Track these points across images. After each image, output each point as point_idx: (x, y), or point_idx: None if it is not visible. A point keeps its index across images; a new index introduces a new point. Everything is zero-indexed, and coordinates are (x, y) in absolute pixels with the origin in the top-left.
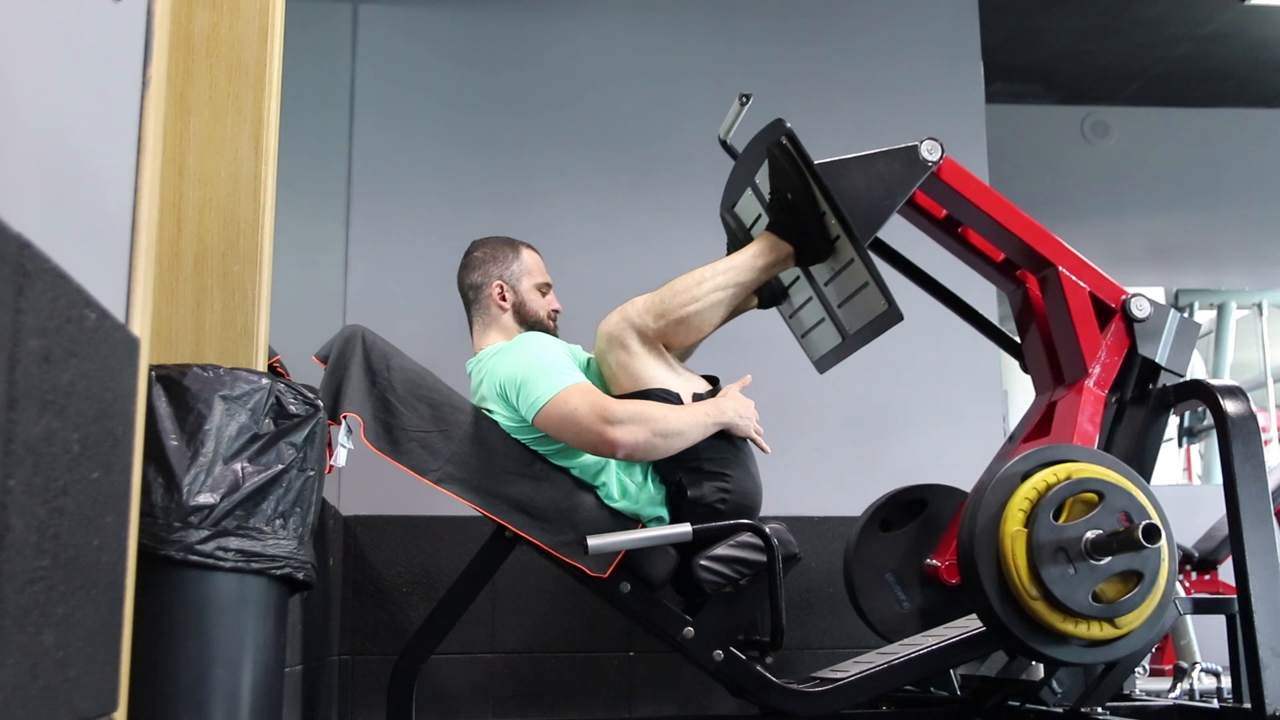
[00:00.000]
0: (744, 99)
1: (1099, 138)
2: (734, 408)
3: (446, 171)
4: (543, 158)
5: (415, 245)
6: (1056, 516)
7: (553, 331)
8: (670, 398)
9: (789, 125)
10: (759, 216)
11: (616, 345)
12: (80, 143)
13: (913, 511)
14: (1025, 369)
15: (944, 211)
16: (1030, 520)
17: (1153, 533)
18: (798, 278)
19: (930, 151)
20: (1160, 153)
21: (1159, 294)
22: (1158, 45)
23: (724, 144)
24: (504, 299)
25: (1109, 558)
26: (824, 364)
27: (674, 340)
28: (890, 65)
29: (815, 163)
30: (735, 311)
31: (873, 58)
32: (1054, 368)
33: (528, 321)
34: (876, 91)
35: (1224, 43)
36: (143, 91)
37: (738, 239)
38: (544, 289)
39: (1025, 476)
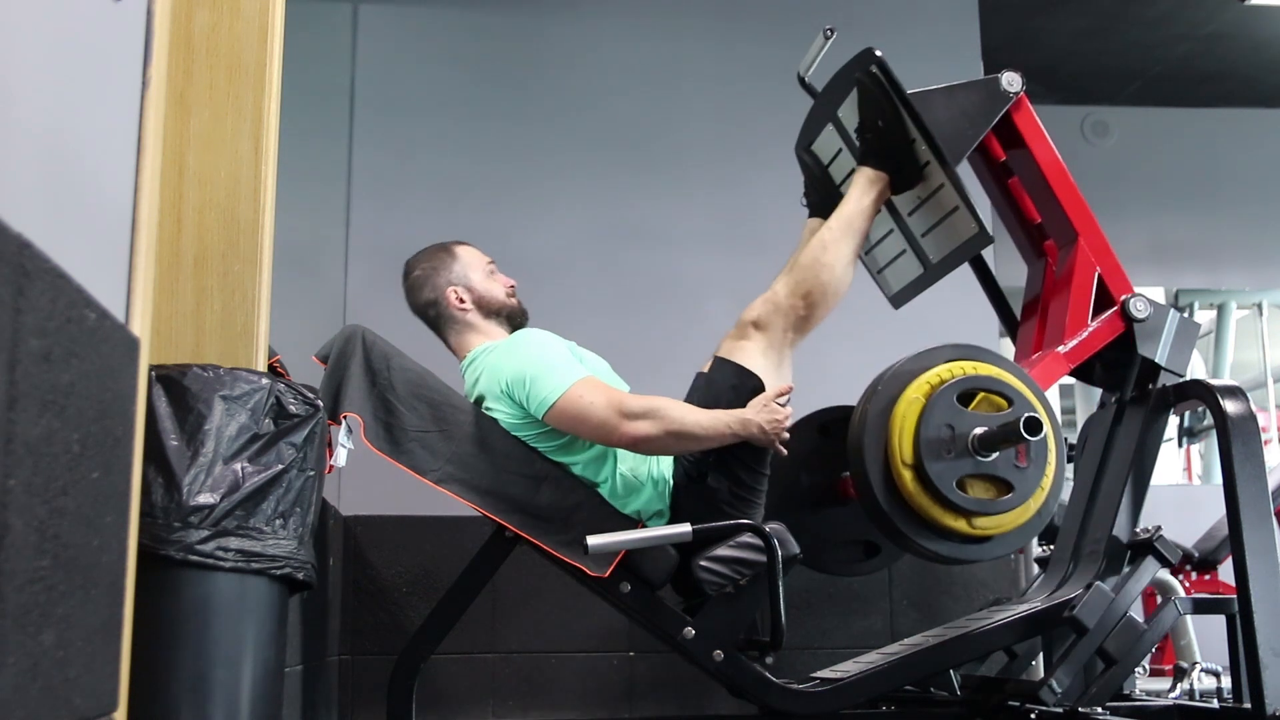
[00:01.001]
0: (828, 32)
1: (1099, 138)
2: (760, 422)
3: (446, 171)
4: (543, 157)
5: (415, 245)
6: (961, 404)
7: (520, 310)
8: (758, 385)
9: (879, 53)
10: (839, 151)
11: (754, 329)
12: (80, 143)
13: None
14: (1014, 343)
15: (1004, 155)
16: (929, 396)
17: (1034, 425)
18: (879, 210)
19: (1011, 83)
20: (1160, 153)
21: (1159, 294)
22: (1158, 45)
23: (802, 81)
24: (462, 301)
25: (993, 456)
26: (902, 297)
27: (819, 314)
28: (890, 65)
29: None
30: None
31: None
32: (1039, 343)
33: (494, 310)
34: None
35: (1224, 43)
36: (143, 91)
37: (814, 176)
38: (490, 271)
39: (936, 364)
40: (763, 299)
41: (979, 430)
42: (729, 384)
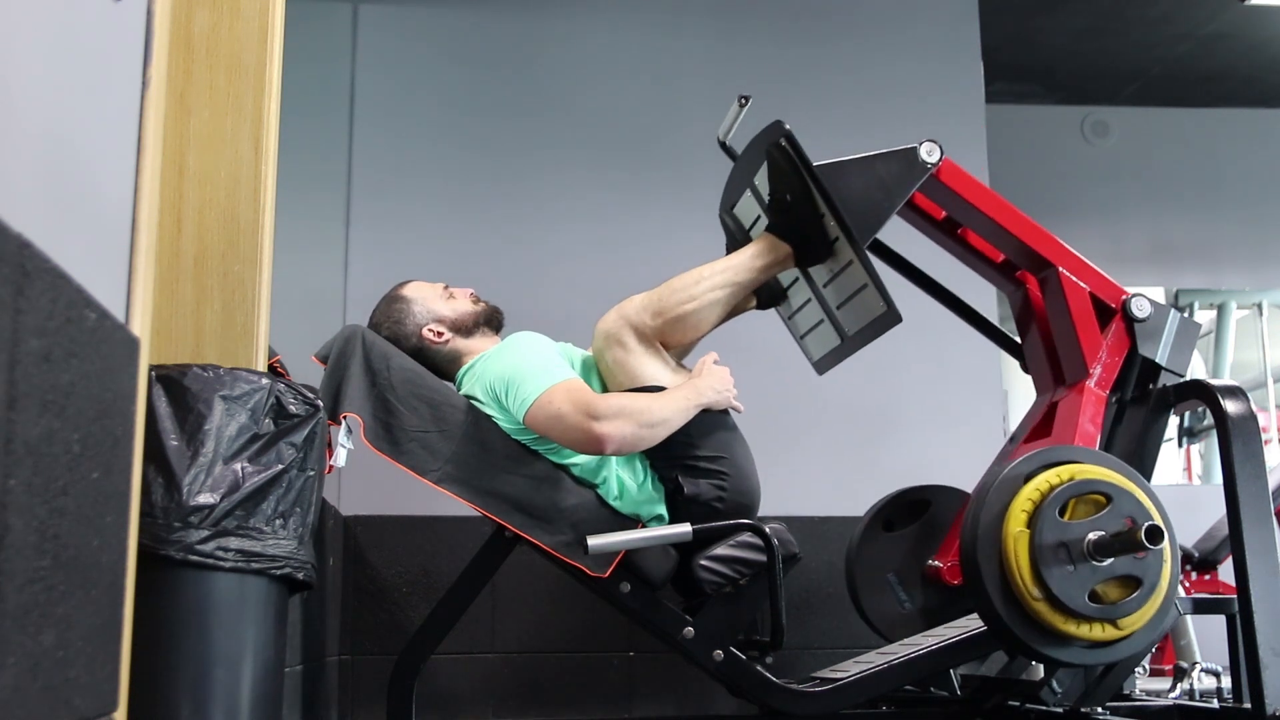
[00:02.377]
0: (743, 100)
1: (1099, 138)
2: (710, 385)
3: (446, 171)
4: (543, 157)
5: (415, 245)
6: (1060, 516)
7: (490, 309)
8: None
9: (788, 127)
10: (758, 218)
11: (614, 343)
12: (80, 143)
13: (915, 512)
14: (1025, 369)
15: (943, 213)
16: (1033, 520)
17: (1156, 534)
18: (797, 279)
19: (929, 153)
20: (1160, 153)
21: (1159, 294)
22: (1158, 45)
23: (723, 145)
24: (440, 335)
25: (1111, 559)
26: (823, 365)
27: (671, 339)
28: (890, 65)
29: (814, 164)
30: (734, 312)
31: (873, 58)
32: (1055, 368)
33: (472, 325)
34: (876, 91)
35: (1224, 43)
36: (143, 91)
37: (737, 240)
38: (449, 296)
39: (1029, 477)
40: (615, 308)
41: (1092, 536)
42: None
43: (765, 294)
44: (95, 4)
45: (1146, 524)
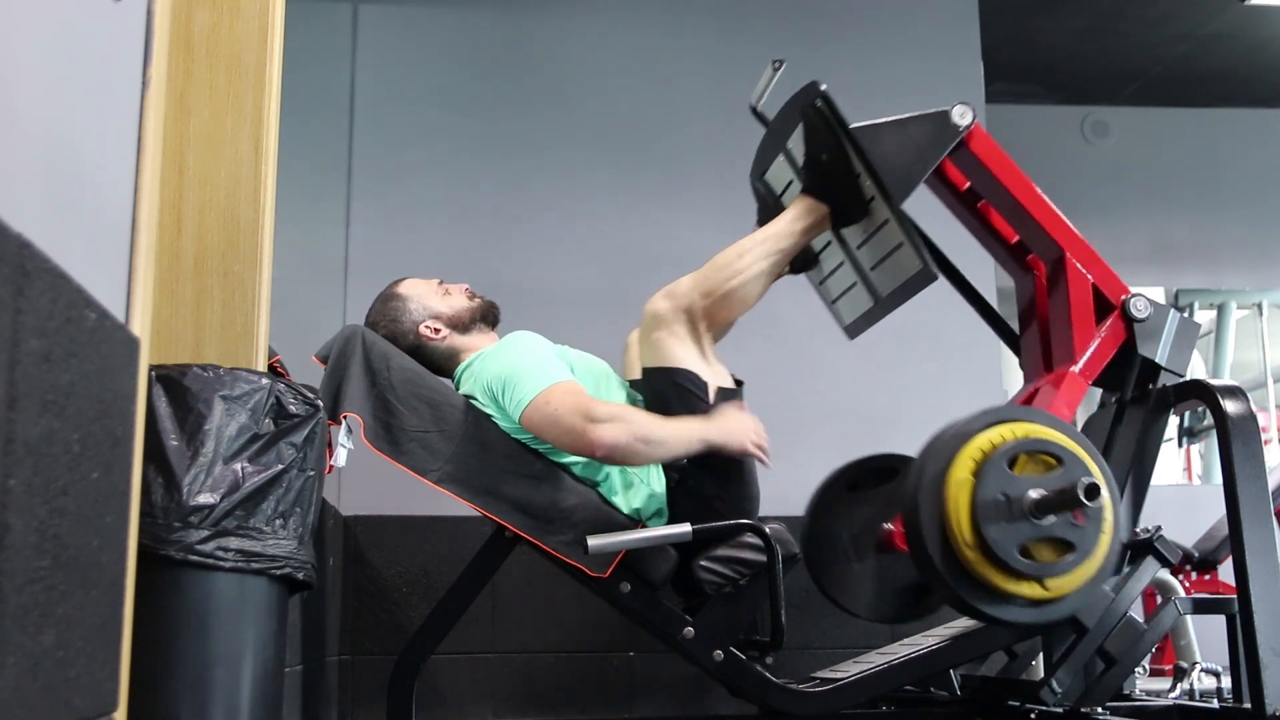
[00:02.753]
0: (776, 65)
1: (1099, 138)
2: (724, 425)
3: (446, 171)
4: (543, 158)
5: (415, 245)
6: (1009, 469)
7: (487, 304)
8: (696, 383)
9: (824, 87)
10: (790, 183)
11: (661, 323)
12: (80, 143)
13: (882, 479)
14: (1019, 361)
15: (967, 183)
16: (979, 470)
17: (1093, 491)
18: (829, 243)
19: (961, 116)
20: (1160, 153)
21: (1159, 294)
22: (1158, 45)
23: (755, 111)
24: (437, 331)
25: (1050, 519)
26: (855, 329)
27: (721, 316)
28: (890, 65)
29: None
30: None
31: (873, 57)
32: (1047, 358)
33: (469, 321)
34: (876, 91)
35: (1224, 43)
36: (143, 91)
37: (768, 206)
38: (444, 292)
39: (983, 429)
40: (665, 291)
41: (1034, 494)
42: (661, 386)
43: (798, 259)
44: (95, 4)
45: (1086, 480)
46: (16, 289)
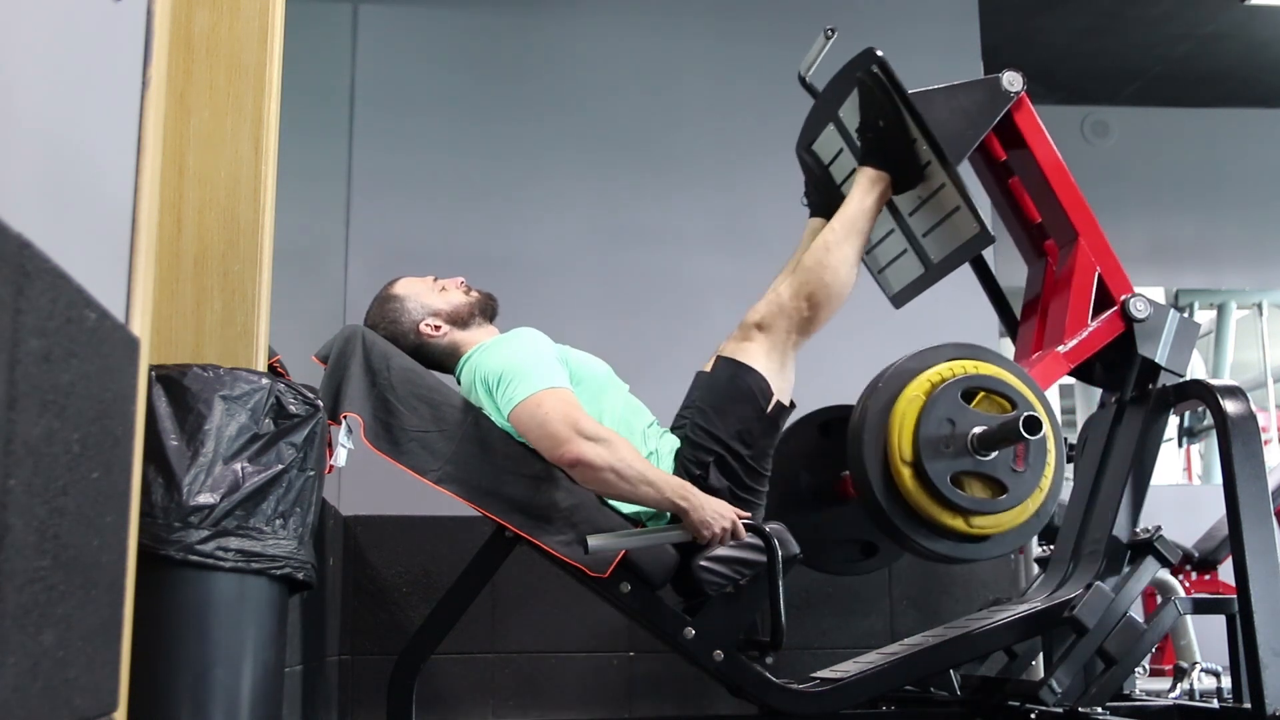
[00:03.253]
0: (829, 33)
1: (1099, 138)
2: (709, 501)
3: (446, 171)
4: (543, 158)
5: (415, 245)
6: (962, 400)
7: (484, 297)
8: (762, 387)
9: (880, 54)
10: (840, 151)
11: (757, 330)
12: (80, 143)
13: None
14: (1014, 343)
15: (1005, 154)
16: (933, 391)
17: (1034, 424)
18: (880, 210)
19: (1011, 83)
20: (1160, 153)
21: (1159, 294)
22: (1158, 45)
23: (803, 81)
24: (438, 328)
25: (989, 456)
26: (903, 297)
27: (824, 316)
28: (891, 65)
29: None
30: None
31: None
32: (1039, 343)
33: (467, 316)
34: None
35: (1224, 43)
36: (143, 91)
37: (815, 176)
38: (440, 288)
39: (941, 361)
40: (766, 300)
41: (978, 429)
42: (727, 377)
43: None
44: (95, 4)
45: (1026, 413)
46: (16, 289)
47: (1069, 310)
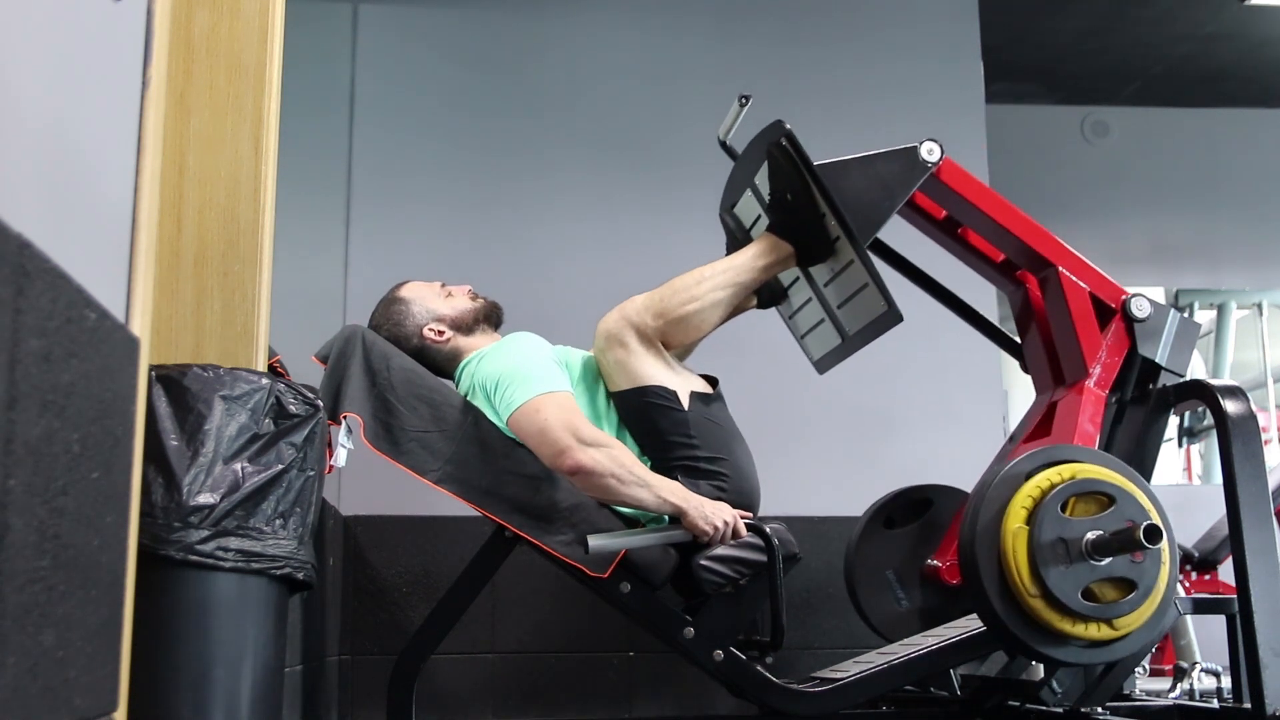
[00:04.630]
0: (743, 100)
1: (1099, 138)
2: (704, 504)
3: (446, 171)
4: (543, 158)
5: (415, 245)
6: (1062, 513)
7: (489, 305)
8: (667, 395)
9: (788, 126)
10: (759, 217)
11: (615, 343)
12: (80, 143)
13: (917, 511)
14: (1025, 369)
15: (944, 212)
16: (1033, 516)
17: (1154, 534)
18: (797, 278)
19: (930, 153)
20: (1160, 153)
21: (1159, 294)
22: (1158, 45)
23: (723, 145)
24: (441, 333)
25: (1108, 559)
26: (824, 365)
27: (673, 339)
28: (890, 65)
29: (815, 164)
30: (735, 311)
31: (873, 58)
32: (1054, 368)
33: (472, 322)
34: (876, 91)
35: (1224, 43)
36: (143, 91)
37: (737, 240)
38: (447, 294)
39: (1031, 474)
40: (617, 309)
41: (1092, 536)
42: (636, 407)
43: (766, 293)
44: (95, 4)
45: (1145, 523)
46: (16, 289)
47: (1080, 340)
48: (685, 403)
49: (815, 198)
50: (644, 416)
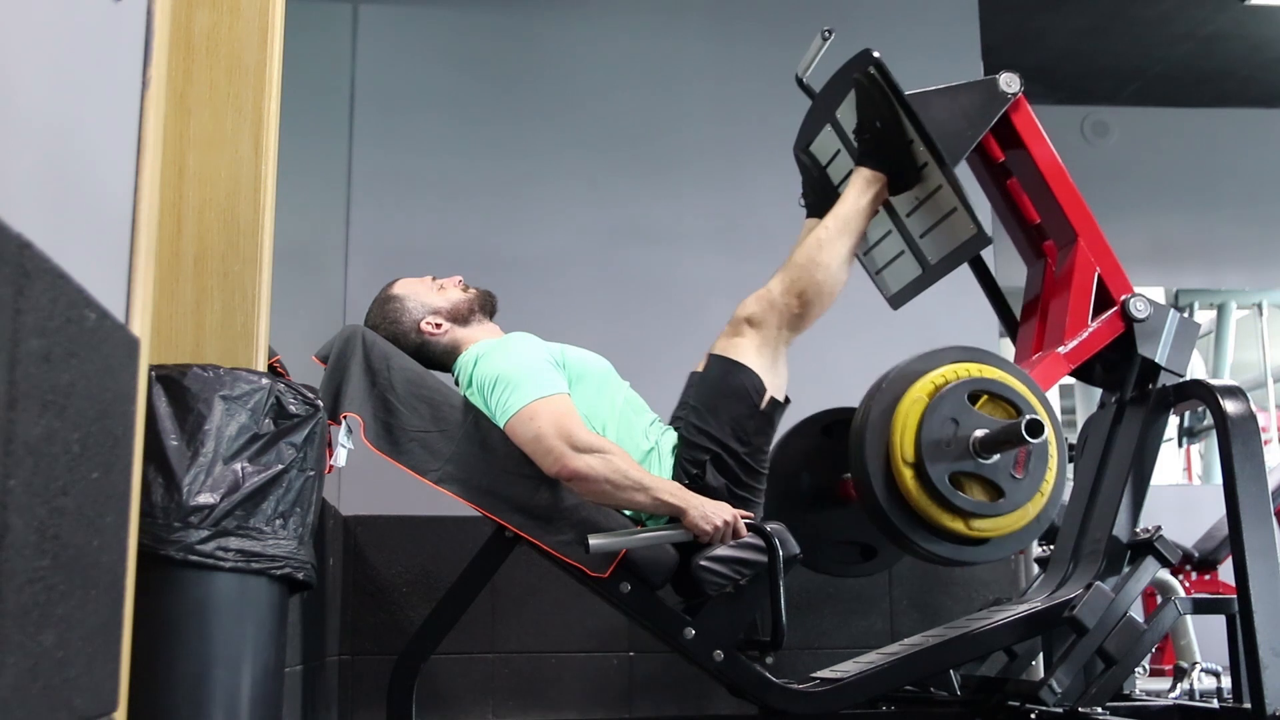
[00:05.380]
0: (826, 34)
1: (1099, 138)
2: (704, 503)
3: (446, 171)
4: (543, 157)
5: (415, 245)
6: (968, 401)
7: (482, 294)
8: (755, 385)
9: (877, 54)
10: (837, 153)
11: (751, 326)
12: (80, 143)
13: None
14: (1014, 343)
15: (1003, 155)
16: (936, 391)
17: (1036, 427)
18: (877, 211)
19: (1009, 84)
20: (1160, 153)
21: (1159, 294)
22: (1158, 45)
23: (800, 82)
24: (438, 326)
25: (992, 459)
26: (901, 298)
27: (814, 313)
28: (890, 65)
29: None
30: None
31: None
32: (1039, 344)
33: (466, 313)
34: None
35: (1224, 43)
36: (143, 91)
37: (813, 177)
38: (439, 287)
39: (948, 363)
40: (756, 296)
41: (980, 432)
42: (720, 375)
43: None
44: (95, 4)
45: (1029, 416)
46: (16, 289)
47: (1069, 311)
48: (764, 402)
49: (903, 124)
50: (720, 386)
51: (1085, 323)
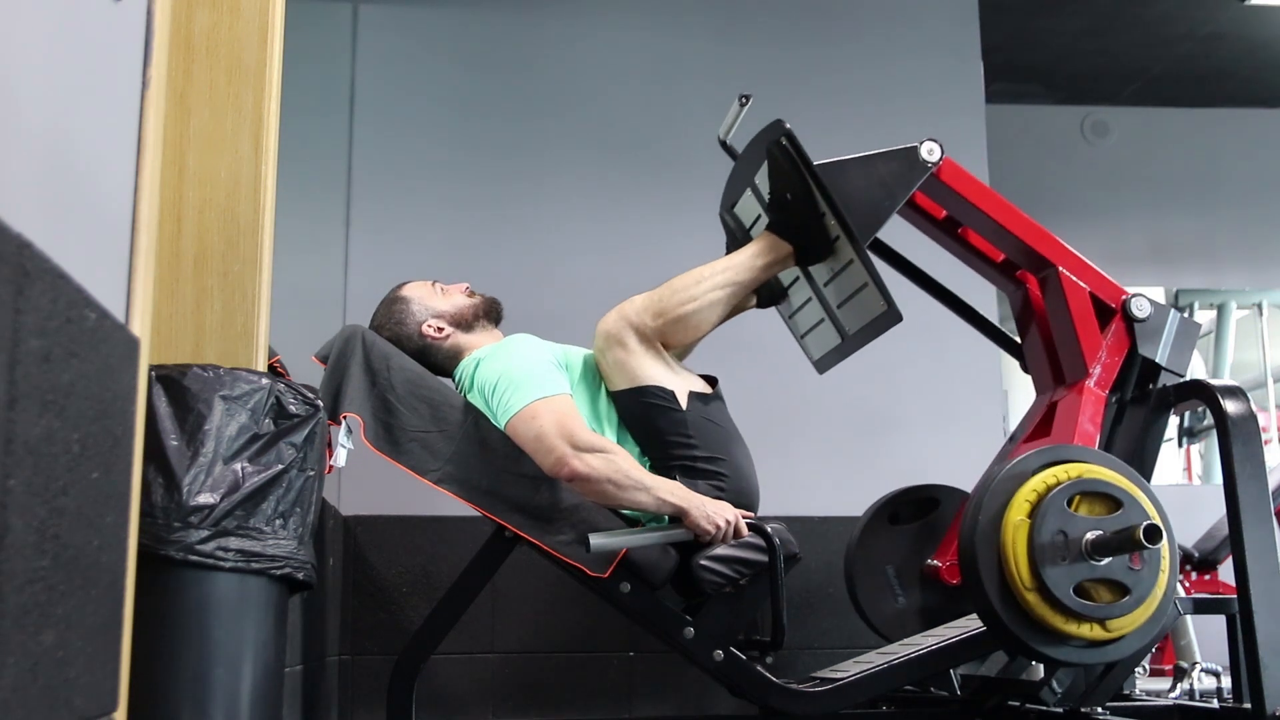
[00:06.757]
0: (743, 100)
1: (1099, 138)
2: (705, 502)
3: (446, 172)
4: (543, 158)
5: (415, 245)
6: (1068, 508)
7: (488, 301)
8: (665, 395)
9: (788, 126)
10: (759, 217)
11: (615, 343)
12: (80, 143)
13: (922, 509)
14: (1025, 369)
15: (944, 212)
16: (1035, 511)
17: (1154, 533)
18: (797, 278)
19: (930, 153)
20: (1160, 153)
21: (1159, 294)
22: (1158, 45)
23: (724, 144)
24: (441, 330)
25: (1107, 560)
26: (823, 364)
27: (672, 339)
28: (890, 65)
29: (815, 163)
30: (734, 311)
31: (873, 58)
32: (1054, 368)
33: (471, 319)
34: (876, 92)
35: (1224, 43)
36: (143, 91)
37: (737, 239)
38: (446, 293)
39: (1036, 471)
40: (616, 309)
41: (1092, 534)
42: (636, 408)
43: (765, 293)
44: (95, 4)
45: (1145, 523)
46: (16, 289)
47: (1080, 340)
48: (683, 402)
49: (815, 197)
50: (643, 416)
51: (1099, 344)
